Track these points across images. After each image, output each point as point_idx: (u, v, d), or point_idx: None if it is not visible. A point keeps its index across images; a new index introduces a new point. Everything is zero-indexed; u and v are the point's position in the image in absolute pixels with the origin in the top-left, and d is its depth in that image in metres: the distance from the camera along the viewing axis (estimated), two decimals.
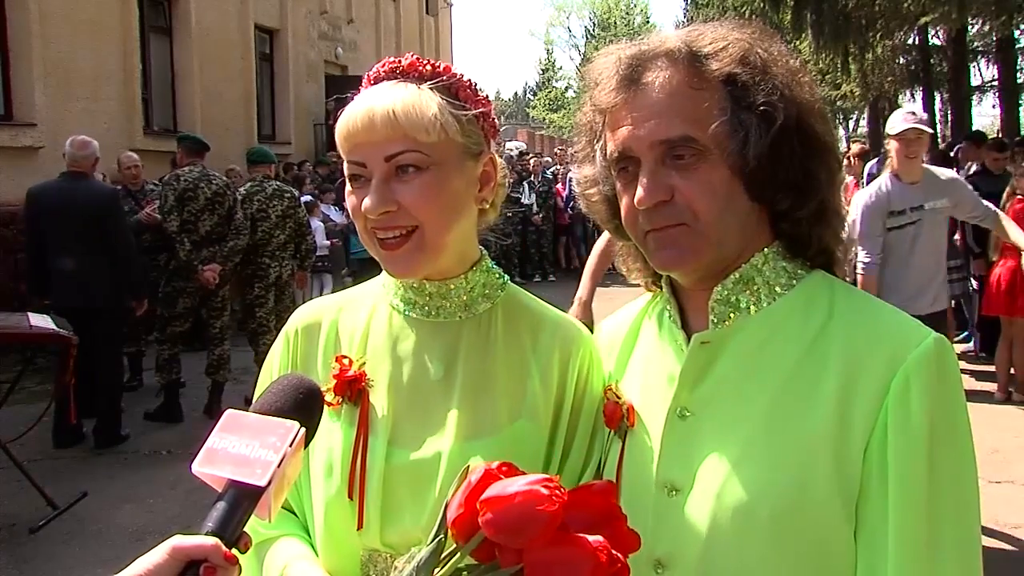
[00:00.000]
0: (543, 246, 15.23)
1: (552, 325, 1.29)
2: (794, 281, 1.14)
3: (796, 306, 1.12)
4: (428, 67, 1.20)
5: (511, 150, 17.33)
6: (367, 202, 1.16)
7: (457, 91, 1.21)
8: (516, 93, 63.42)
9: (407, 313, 1.28)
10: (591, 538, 0.90)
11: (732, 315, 1.13)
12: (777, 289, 1.13)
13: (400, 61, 1.22)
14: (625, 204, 1.13)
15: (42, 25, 9.60)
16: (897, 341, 1.04)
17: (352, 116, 1.17)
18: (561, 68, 53.77)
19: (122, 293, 6.21)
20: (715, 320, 1.13)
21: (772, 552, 1.03)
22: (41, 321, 5.21)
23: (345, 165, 1.20)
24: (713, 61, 1.08)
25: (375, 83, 1.22)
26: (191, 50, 12.63)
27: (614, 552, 0.90)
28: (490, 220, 1.32)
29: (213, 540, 0.84)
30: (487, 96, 1.26)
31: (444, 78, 1.20)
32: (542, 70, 54.46)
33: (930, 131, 4.77)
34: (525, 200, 14.54)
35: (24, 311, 5.53)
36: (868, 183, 8.30)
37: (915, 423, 1.00)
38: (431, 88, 1.18)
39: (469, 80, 1.23)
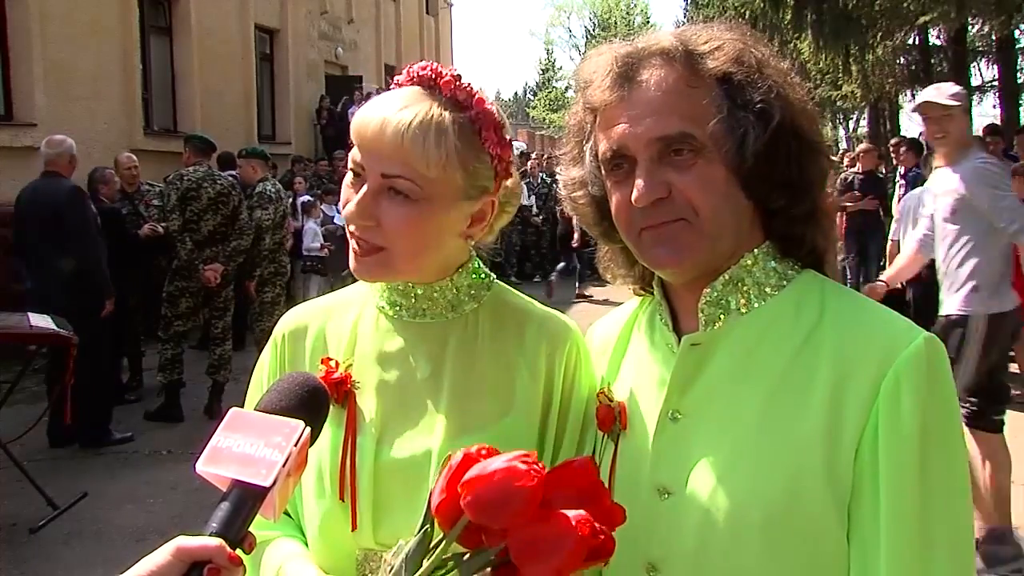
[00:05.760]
0: (543, 246, 15.23)
1: (538, 321, 1.30)
2: (784, 282, 1.13)
3: (786, 307, 1.11)
4: (464, 94, 1.16)
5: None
6: (349, 207, 1.17)
7: (481, 129, 1.17)
8: (516, 93, 63.32)
9: (394, 315, 1.28)
10: (572, 513, 0.90)
11: (722, 317, 1.12)
12: (767, 290, 1.13)
13: (441, 73, 1.17)
14: (617, 201, 1.13)
15: (42, 25, 9.60)
16: (887, 341, 1.04)
17: (367, 119, 1.15)
18: (561, 68, 53.68)
19: (84, 295, 5.89)
20: (705, 322, 1.13)
21: (765, 554, 1.03)
22: (41, 321, 5.21)
23: (351, 155, 1.19)
24: (709, 60, 1.08)
25: (409, 83, 1.19)
26: (191, 50, 12.63)
27: (597, 525, 0.90)
28: (487, 240, 1.32)
29: (217, 541, 0.84)
30: (511, 139, 1.23)
31: (475, 113, 1.17)
32: (542, 70, 54.44)
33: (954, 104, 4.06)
34: (524, 201, 14.56)
35: (24, 311, 5.53)
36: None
37: (906, 424, 1.00)
38: (456, 122, 1.14)
39: (500, 120, 1.19)
